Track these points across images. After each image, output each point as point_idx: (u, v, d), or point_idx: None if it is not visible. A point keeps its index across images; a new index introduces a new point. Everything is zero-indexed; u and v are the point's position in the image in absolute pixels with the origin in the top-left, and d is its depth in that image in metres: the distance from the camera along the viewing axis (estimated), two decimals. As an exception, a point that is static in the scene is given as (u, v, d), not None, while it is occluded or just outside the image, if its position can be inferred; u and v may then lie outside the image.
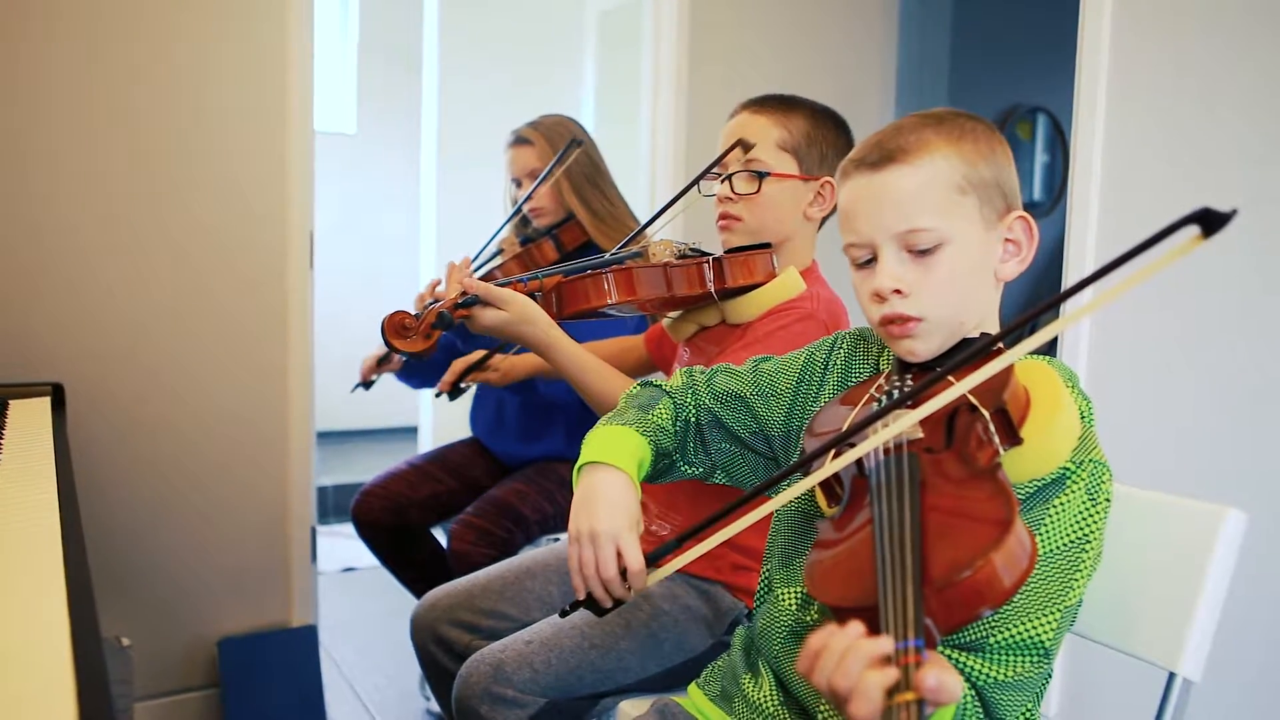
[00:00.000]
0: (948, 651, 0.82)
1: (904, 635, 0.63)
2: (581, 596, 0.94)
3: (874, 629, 0.66)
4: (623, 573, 0.92)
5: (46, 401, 1.57)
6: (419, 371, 2.13)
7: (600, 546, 0.91)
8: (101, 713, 0.57)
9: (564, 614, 0.98)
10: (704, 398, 1.07)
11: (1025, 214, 0.92)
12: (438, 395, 1.83)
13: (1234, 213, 0.65)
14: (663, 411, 1.04)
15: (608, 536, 0.91)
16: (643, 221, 2.02)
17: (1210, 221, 0.66)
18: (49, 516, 0.96)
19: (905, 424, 0.79)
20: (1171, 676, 0.91)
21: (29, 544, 0.88)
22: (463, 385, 1.79)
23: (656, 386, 1.10)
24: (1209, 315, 1.59)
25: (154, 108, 1.92)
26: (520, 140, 2.03)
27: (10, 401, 1.53)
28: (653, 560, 0.93)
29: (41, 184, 1.84)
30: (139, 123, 1.91)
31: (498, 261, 2.05)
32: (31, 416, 1.45)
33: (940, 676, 0.61)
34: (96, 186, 1.88)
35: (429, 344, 1.32)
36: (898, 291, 0.89)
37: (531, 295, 1.34)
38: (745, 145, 1.36)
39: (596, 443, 1.00)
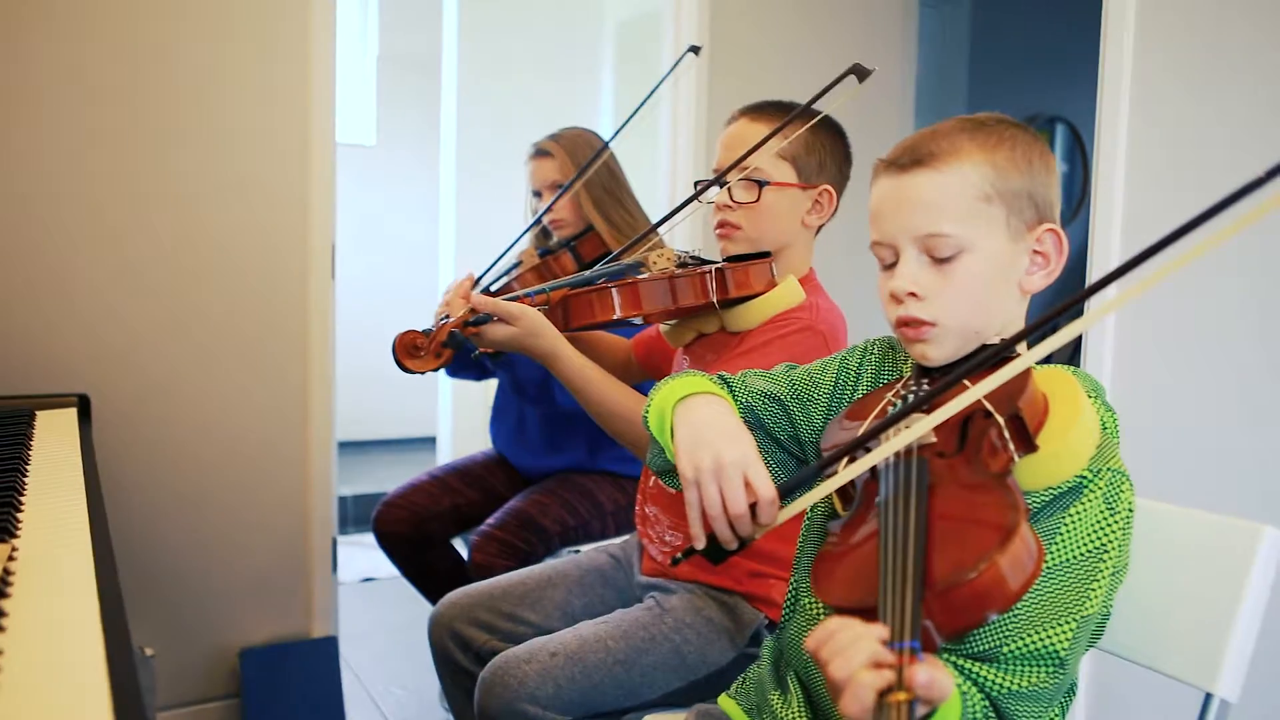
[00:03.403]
0: (961, 661, 0.81)
1: (900, 636, 0.64)
2: (701, 544, 0.87)
3: None
4: (751, 507, 0.85)
5: (73, 412, 1.58)
6: (461, 362, 2.11)
7: (727, 478, 0.85)
8: (136, 726, 0.57)
9: (675, 562, 0.90)
10: (742, 396, 1.05)
11: (1056, 227, 0.92)
12: (476, 355, 1.82)
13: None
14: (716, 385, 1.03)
15: (735, 466, 0.85)
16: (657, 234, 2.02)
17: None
18: (79, 527, 0.96)
19: (920, 430, 0.79)
20: (1208, 697, 0.89)
21: (60, 555, 0.89)
22: None
23: None
24: (1241, 329, 1.57)
25: (176, 120, 1.94)
26: (540, 152, 2.04)
27: (37, 413, 1.54)
28: (785, 492, 0.85)
29: (65, 197, 1.86)
30: (161, 136, 1.93)
31: (516, 273, 2.06)
32: (58, 427, 1.47)
33: (932, 674, 0.62)
34: (119, 199, 1.90)
35: (440, 362, 1.34)
36: (913, 295, 0.89)
37: (539, 309, 1.35)
38: (860, 72, 1.33)
39: (676, 386, 0.96)
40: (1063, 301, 0.75)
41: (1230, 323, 1.58)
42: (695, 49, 1.90)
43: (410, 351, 1.34)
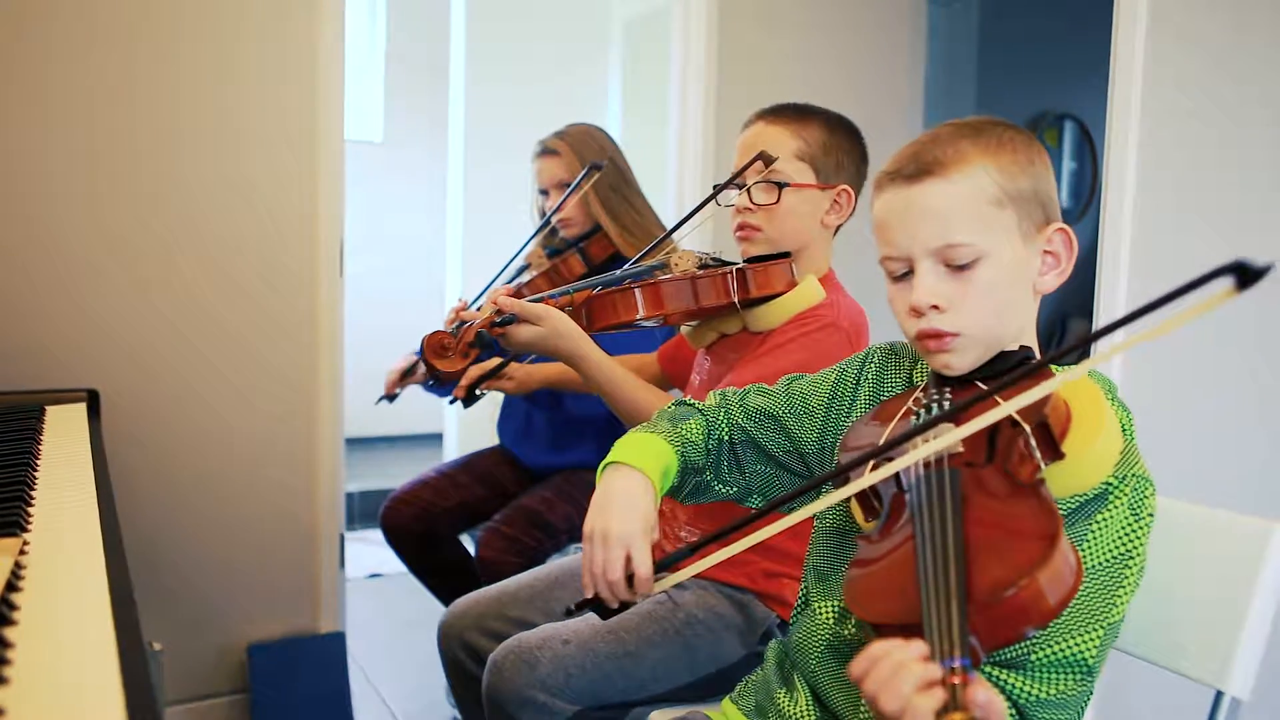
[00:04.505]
0: (988, 669, 0.81)
1: (949, 654, 0.63)
2: (590, 595, 0.93)
3: None
4: (630, 577, 0.91)
5: (82, 408, 1.59)
6: (444, 381, 2.13)
7: (610, 548, 0.91)
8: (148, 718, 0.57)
9: (569, 613, 0.97)
10: (737, 416, 1.06)
11: (1065, 226, 0.91)
12: (452, 402, 1.84)
13: (1269, 267, 0.63)
14: (694, 426, 1.04)
15: (618, 539, 0.91)
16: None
17: (1245, 275, 0.63)
18: (89, 522, 0.97)
19: (949, 440, 0.78)
20: (1219, 695, 0.89)
21: (71, 550, 0.89)
22: (478, 392, 1.80)
23: (690, 404, 1.10)
24: (1252, 325, 1.56)
25: (184, 118, 1.94)
26: (547, 151, 2.03)
27: (47, 408, 1.55)
28: (664, 566, 0.92)
29: (75, 193, 1.86)
30: (168, 133, 1.93)
31: (525, 277, 2.05)
32: (68, 422, 1.47)
33: (989, 695, 0.62)
34: (128, 196, 1.90)
35: (467, 363, 1.36)
36: (935, 307, 0.88)
37: (563, 310, 1.36)
38: (766, 159, 1.36)
39: (623, 446, 1.00)
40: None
41: (1242, 321, 1.57)
42: (598, 166, 1.86)
43: (438, 351, 1.36)
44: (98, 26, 1.85)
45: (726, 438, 1.06)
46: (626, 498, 0.95)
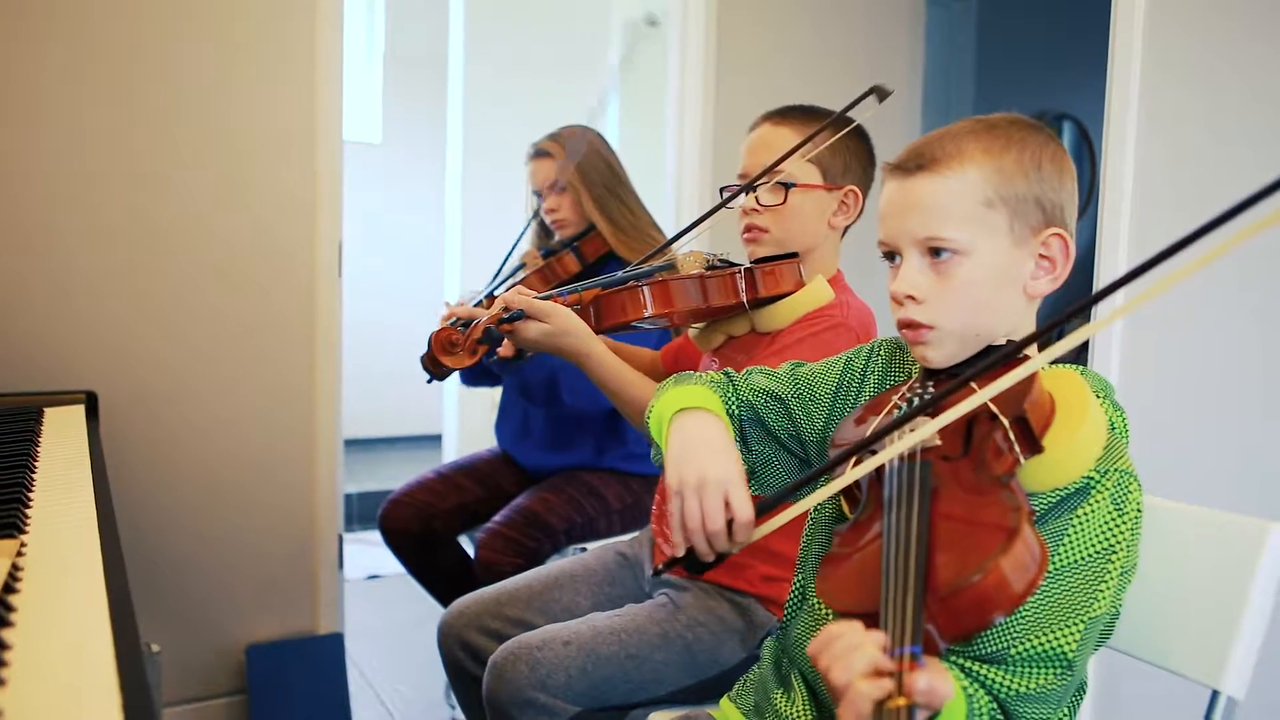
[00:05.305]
0: (968, 663, 0.81)
1: (901, 642, 0.64)
2: (681, 552, 0.90)
3: None
4: (728, 525, 0.88)
5: (81, 409, 1.59)
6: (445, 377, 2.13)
7: (708, 496, 0.88)
8: (144, 721, 0.57)
9: (657, 572, 0.94)
10: (744, 394, 1.06)
11: (1061, 232, 0.91)
12: (494, 359, 1.83)
13: None
14: (715, 392, 1.04)
15: (716, 485, 0.88)
16: (665, 231, 2.02)
17: None
18: (87, 524, 0.97)
19: (925, 433, 0.79)
20: (1215, 695, 0.89)
21: (68, 552, 0.89)
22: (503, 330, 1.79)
23: (700, 376, 1.09)
24: (1249, 324, 1.56)
25: (183, 119, 1.94)
26: (540, 153, 2.04)
27: (45, 409, 1.55)
28: (760, 512, 0.88)
29: (74, 194, 1.86)
30: (168, 134, 1.93)
31: (520, 276, 2.06)
32: (66, 424, 1.47)
33: (931, 681, 0.63)
34: (127, 198, 1.91)
35: (474, 359, 1.36)
36: (911, 298, 0.90)
37: (570, 308, 1.36)
38: (881, 93, 1.37)
39: (677, 395, 0.98)
40: (1070, 303, 0.75)
41: (1238, 318, 1.57)
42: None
43: (447, 348, 1.36)
44: (97, 27, 1.85)
45: (735, 413, 1.05)
46: (712, 441, 0.92)
